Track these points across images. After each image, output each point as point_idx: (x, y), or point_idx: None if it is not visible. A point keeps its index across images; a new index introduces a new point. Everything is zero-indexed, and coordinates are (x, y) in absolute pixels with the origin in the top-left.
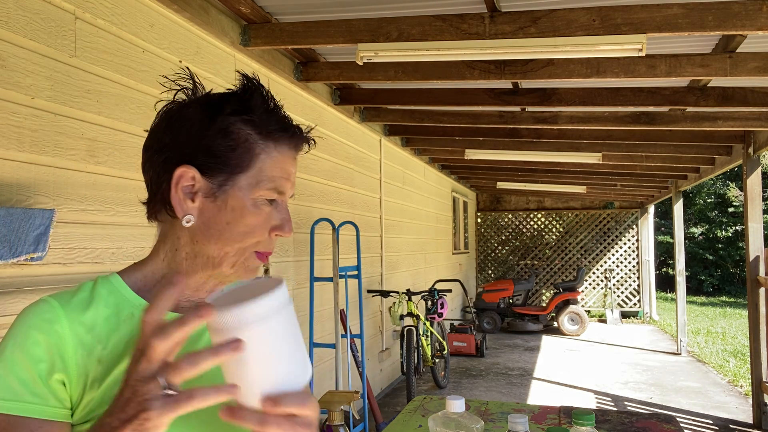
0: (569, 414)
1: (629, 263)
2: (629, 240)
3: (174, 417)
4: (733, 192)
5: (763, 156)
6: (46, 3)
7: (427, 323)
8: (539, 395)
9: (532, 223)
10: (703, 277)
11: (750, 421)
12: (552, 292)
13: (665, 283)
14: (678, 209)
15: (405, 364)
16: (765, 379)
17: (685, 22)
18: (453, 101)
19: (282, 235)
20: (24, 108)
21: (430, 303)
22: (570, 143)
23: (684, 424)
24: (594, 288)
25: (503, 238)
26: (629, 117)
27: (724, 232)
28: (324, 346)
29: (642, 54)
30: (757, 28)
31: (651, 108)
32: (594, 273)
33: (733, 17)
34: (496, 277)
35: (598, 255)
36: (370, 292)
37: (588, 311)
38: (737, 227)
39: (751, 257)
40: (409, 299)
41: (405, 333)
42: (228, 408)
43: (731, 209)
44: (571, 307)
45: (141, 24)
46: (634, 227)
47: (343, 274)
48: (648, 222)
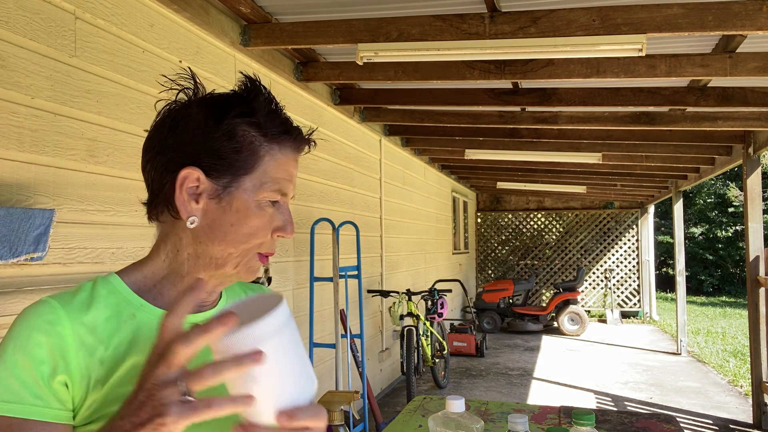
0: (569, 414)
1: (629, 263)
2: (629, 240)
3: (189, 424)
4: (733, 192)
5: (763, 156)
6: (46, 3)
7: (427, 323)
8: (539, 395)
9: (532, 223)
10: (703, 277)
11: (750, 421)
12: (552, 292)
13: (665, 283)
14: (678, 209)
15: (405, 364)
16: (765, 379)
17: (685, 22)
18: (453, 101)
19: (284, 236)
20: (24, 108)
21: (430, 303)
22: (570, 143)
23: (684, 424)
24: (594, 288)
25: (503, 238)
26: (629, 117)
27: (724, 232)
28: (324, 346)
29: (642, 54)
30: (757, 28)
31: (651, 108)
32: (594, 273)
33: (733, 17)
34: (496, 277)
35: (598, 255)
36: (370, 292)
37: (588, 311)
38: (737, 227)
39: (751, 257)
40: (409, 299)
41: (405, 333)
42: (241, 426)
43: (731, 209)
44: (571, 307)
45: (141, 24)
46: (634, 227)
47: (343, 274)
48: (648, 222)
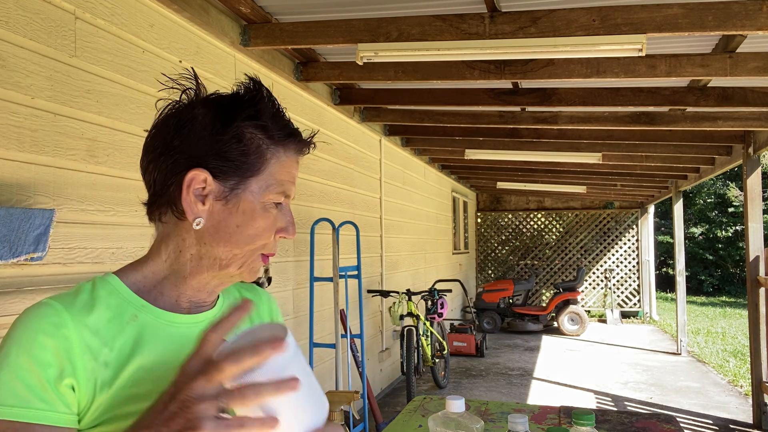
0: (569, 414)
1: (629, 263)
2: (629, 240)
3: None
4: (733, 192)
5: (763, 156)
6: (46, 3)
7: (427, 323)
8: (539, 395)
9: (532, 223)
10: (703, 277)
11: (750, 421)
12: (552, 292)
13: (665, 283)
14: (678, 209)
15: (405, 364)
16: (765, 379)
17: (685, 22)
18: (453, 101)
19: (286, 237)
20: (24, 108)
21: (430, 303)
22: (570, 143)
23: (684, 424)
24: (594, 288)
25: (503, 238)
26: (629, 117)
27: (724, 232)
28: (324, 346)
29: (642, 54)
30: (757, 28)
31: (651, 108)
32: (594, 273)
33: (733, 17)
34: (496, 277)
35: (598, 255)
36: (370, 292)
37: (588, 311)
38: (737, 227)
39: (751, 257)
40: (409, 299)
41: (405, 333)
42: None
43: (731, 209)
44: (571, 307)
45: (141, 24)
46: (634, 227)
47: (343, 274)
48: (648, 222)
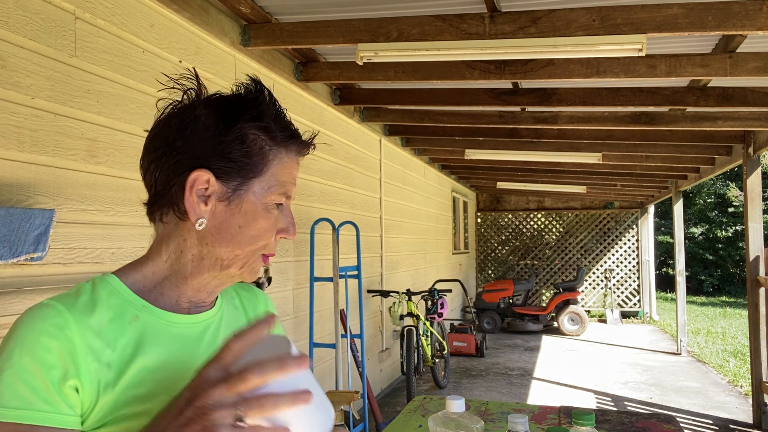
0: (569, 414)
1: (629, 263)
2: (629, 240)
3: None
4: (733, 192)
5: (763, 156)
6: (46, 3)
7: (427, 323)
8: (539, 395)
9: (532, 223)
10: (703, 277)
11: (750, 421)
12: (552, 292)
13: (665, 283)
14: (678, 209)
15: (405, 364)
16: (765, 379)
17: (685, 22)
18: (453, 101)
19: (287, 238)
20: (24, 108)
21: (430, 303)
22: (570, 143)
23: (684, 424)
24: (594, 288)
25: (503, 238)
26: (629, 117)
27: (724, 232)
28: (324, 346)
29: (642, 54)
30: (757, 28)
31: (651, 108)
32: (594, 273)
33: (733, 17)
34: (496, 277)
35: (598, 255)
36: (370, 292)
37: (588, 311)
38: (737, 227)
39: (751, 257)
40: (409, 299)
41: (405, 333)
42: None
43: (731, 209)
44: (571, 307)
45: (141, 24)
46: (634, 227)
47: (343, 274)
48: (648, 222)
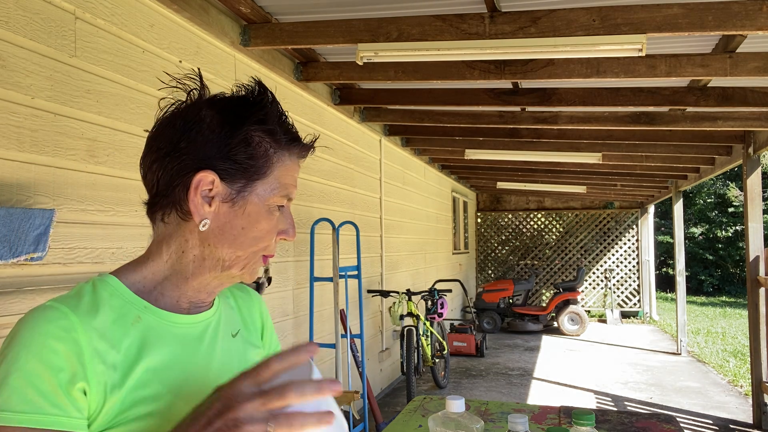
0: (569, 414)
1: (629, 263)
2: (629, 240)
3: None
4: (733, 192)
5: (763, 156)
6: (46, 3)
7: (427, 323)
8: (539, 395)
9: (532, 223)
10: (703, 277)
11: (750, 421)
12: (552, 292)
13: (665, 283)
14: (678, 209)
15: (405, 364)
16: (765, 379)
17: (685, 22)
18: (453, 101)
19: (287, 239)
20: (24, 108)
21: (430, 303)
22: (570, 143)
23: (684, 424)
24: (594, 288)
25: (503, 238)
26: (629, 117)
27: (724, 232)
28: (324, 346)
29: (642, 54)
30: (757, 28)
31: (651, 108)
32: (594, 273)
33: (733, 17)
34: (496, 277)
35: (598, 255)
36: (370, 292)
37: (588, 311)
38: (737, 227)
39: (751, 257)
40: (409, 299)
41: (405, 333)
42: None
43: (731, 209)
44: (571, 307)
45: (141, 24)
46: (634, 227)
47: (343, 274)
48: (648, 222)
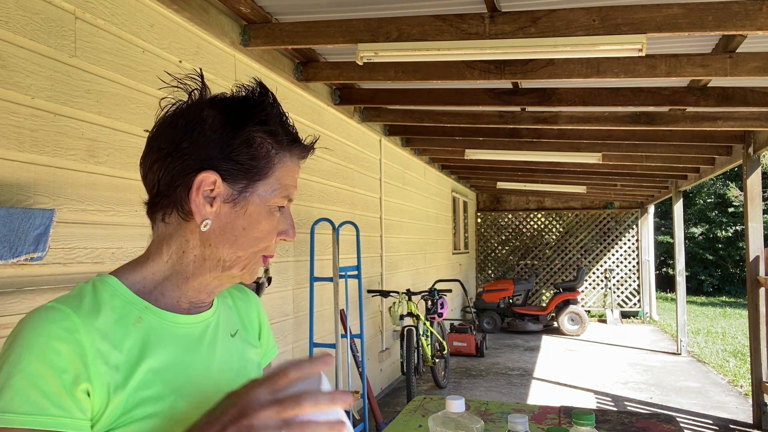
0: (569, 414)
1: (629, 263)
2: (629, 240)
3: None
4: (733, 192)
5: (763, 156)
6: (46, 3)
7: (427, 323)
8: (539, 395)
9: (532, 223)
10: (703, 277)
11: (750, 421)
12: (552, 292)
13: (665, 283)
14: (678, 209)
15: (405, 364)
16: (765, 379)
17: (685, 22)
18: (453, 101)
19: (287, 240)
20: (24, 108)
21: (430, 303)
22: (570, 143)
23: (684, 424)
24: (594, 288)
25: (503, 238)
26: (629, 117)
27: (724, 232)
28: (324, 346)
29: (642, 54)
30: (757, 28)
31: (651, 108)
32: (594, 273)
33: (733, 17)
34: (496, 277)
35: (598, 255)
36: (370, 292)
37: (588, 311)
38: (737, 227)
39: (751, 257)
40: (409, 299)
41: (405, 333)
42: None
43: (731, 209)
44: (571, 307)
45: (141, 24)
46: (634, 227)
47: (343, 274)
48: (648, 222)
